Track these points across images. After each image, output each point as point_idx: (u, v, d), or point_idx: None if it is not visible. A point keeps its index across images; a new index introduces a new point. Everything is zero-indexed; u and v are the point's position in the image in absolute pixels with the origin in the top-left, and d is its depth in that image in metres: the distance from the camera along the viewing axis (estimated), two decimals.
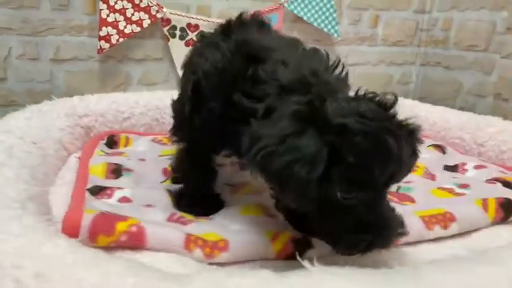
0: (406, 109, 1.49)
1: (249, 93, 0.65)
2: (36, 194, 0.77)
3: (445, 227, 0.76)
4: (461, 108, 1.60)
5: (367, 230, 0.56)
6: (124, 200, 0.82)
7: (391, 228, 0.57)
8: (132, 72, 1.51)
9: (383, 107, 0.58)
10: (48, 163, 0.96)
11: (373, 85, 1.76)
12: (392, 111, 0.59)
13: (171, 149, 0.99)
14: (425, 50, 1.82)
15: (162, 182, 0.93)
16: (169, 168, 0.95)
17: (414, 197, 0.89)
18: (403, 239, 0.70)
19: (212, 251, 0.65)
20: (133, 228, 0.64)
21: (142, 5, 1.42)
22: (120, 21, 1.40)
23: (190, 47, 1.43)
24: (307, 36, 1.64)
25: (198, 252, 0.65)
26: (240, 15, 0.80)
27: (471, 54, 1.59)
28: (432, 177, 1.03)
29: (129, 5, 1.41)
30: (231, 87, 0.66)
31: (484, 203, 0.81)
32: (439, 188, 0.94)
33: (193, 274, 0.51)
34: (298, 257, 0.56)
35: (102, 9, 1.38)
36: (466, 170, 1.08)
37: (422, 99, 1.76)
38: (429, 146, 1.23)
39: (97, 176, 0.91)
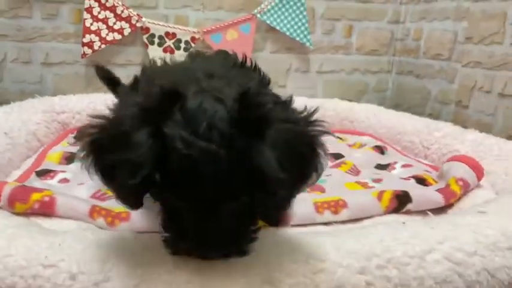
0: (370, 114, 1.58)
1: None
2: None
3: (336, 212, 0.83)
4: (430, 115, 1.65)
5: (189, 237, 0.51)
6: (63, 181, 0.95)
7: (218, 242, 0.51)
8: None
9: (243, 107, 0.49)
10: (16, 151, 1.10)
11: (348, 92, 1.85)
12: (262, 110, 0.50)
13: None
14: (399, 59, 1.89)
15: None
16: None
17: (326, 187, 0.96)
18: (295, 221, 0.80)
19: (114, 220, 0.76)
20: (46, 198, 0.76)
21: (123, 15, 1.58)
22: (102, 29, 1.56)
23: (167, 53, 1.58)
24: (280, 46, 1.75)
25: (101, 220, 0.75)
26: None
27: (437, 63, 1.65)
28: (357, 173, 1.10)
29: (111, 15, 1.56)
30: None
31: (380, 194, 0.88)
32: (356, 182, 1.01)
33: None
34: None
35: (86, 19, 1.54)
36: (394, 168, 1.14)
37: (397, 106, 1.83)
38: (370, 147, 1.30)
39: (51, 162, 1.05)
